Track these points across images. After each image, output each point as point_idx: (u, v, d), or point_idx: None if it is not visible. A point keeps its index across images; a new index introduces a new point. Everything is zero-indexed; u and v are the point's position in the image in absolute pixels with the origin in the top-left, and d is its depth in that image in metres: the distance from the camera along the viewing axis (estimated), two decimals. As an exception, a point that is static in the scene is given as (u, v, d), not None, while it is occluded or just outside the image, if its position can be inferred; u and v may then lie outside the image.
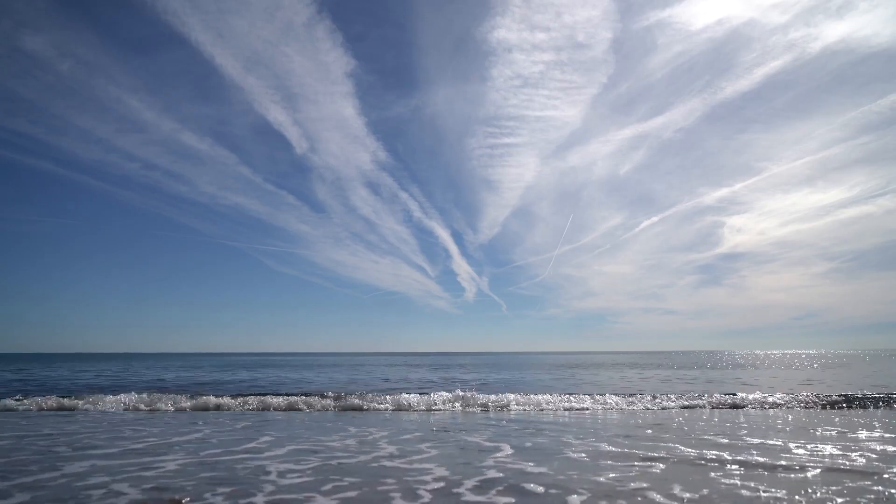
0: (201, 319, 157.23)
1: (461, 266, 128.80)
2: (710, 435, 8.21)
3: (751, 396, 14.02)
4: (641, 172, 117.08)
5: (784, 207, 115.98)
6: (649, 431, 8.69)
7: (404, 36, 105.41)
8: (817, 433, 8.39)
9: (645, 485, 5.12)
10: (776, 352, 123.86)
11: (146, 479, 5.40)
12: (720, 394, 14.80)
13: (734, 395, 14.49)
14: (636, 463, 6.14)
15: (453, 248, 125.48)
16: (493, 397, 13.24)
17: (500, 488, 5.04)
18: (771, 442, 7.54)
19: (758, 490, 4.89)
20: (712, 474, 5.53)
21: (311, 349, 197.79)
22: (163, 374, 28.60)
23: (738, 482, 5.19)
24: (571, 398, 13.68)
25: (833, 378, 23.13)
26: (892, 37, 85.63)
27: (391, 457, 6.59)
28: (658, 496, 4.72)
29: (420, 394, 13.98)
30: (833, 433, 8.37)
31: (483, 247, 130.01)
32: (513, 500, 4.65)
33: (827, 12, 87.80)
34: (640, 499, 4.66)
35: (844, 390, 16.03)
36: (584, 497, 4.71)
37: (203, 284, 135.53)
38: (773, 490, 4.88)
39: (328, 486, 5.10)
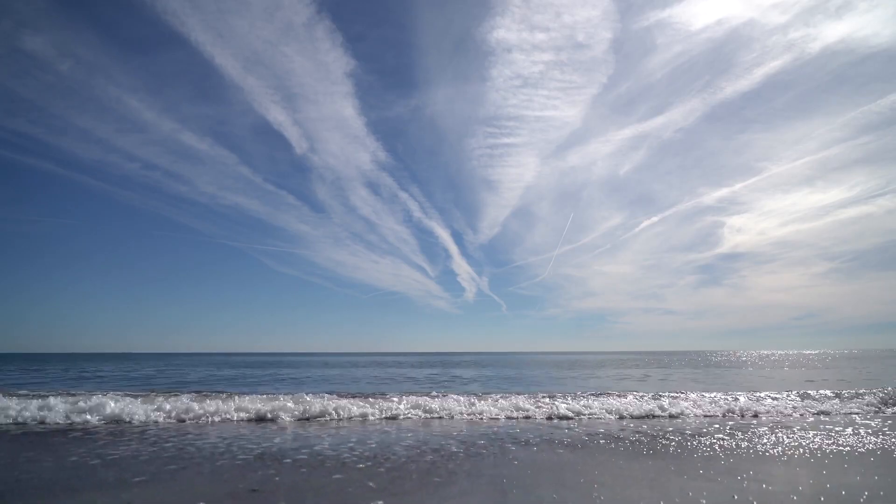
0: (201, 319, 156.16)
1: (461, 266, 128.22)
2: None
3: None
4: (641, 172, 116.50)
5: (784, 207, 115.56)
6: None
7: (404, 36, 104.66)
8: None
9: None
10: (789, 351, 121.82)
11: None
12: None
13: None
14: None
15: (453, 248, 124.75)
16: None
17: None
18: None
19: None
20: None
21: (311, 349, 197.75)
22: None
23: None
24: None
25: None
26: (892, 37, 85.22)
27: None
28: None
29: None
30: None
31: (483, 247, 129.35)
32: None
33: (826, 12, 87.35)
34: None
35: None
36: None
37: (203, 284, 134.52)
38: None
39: None
